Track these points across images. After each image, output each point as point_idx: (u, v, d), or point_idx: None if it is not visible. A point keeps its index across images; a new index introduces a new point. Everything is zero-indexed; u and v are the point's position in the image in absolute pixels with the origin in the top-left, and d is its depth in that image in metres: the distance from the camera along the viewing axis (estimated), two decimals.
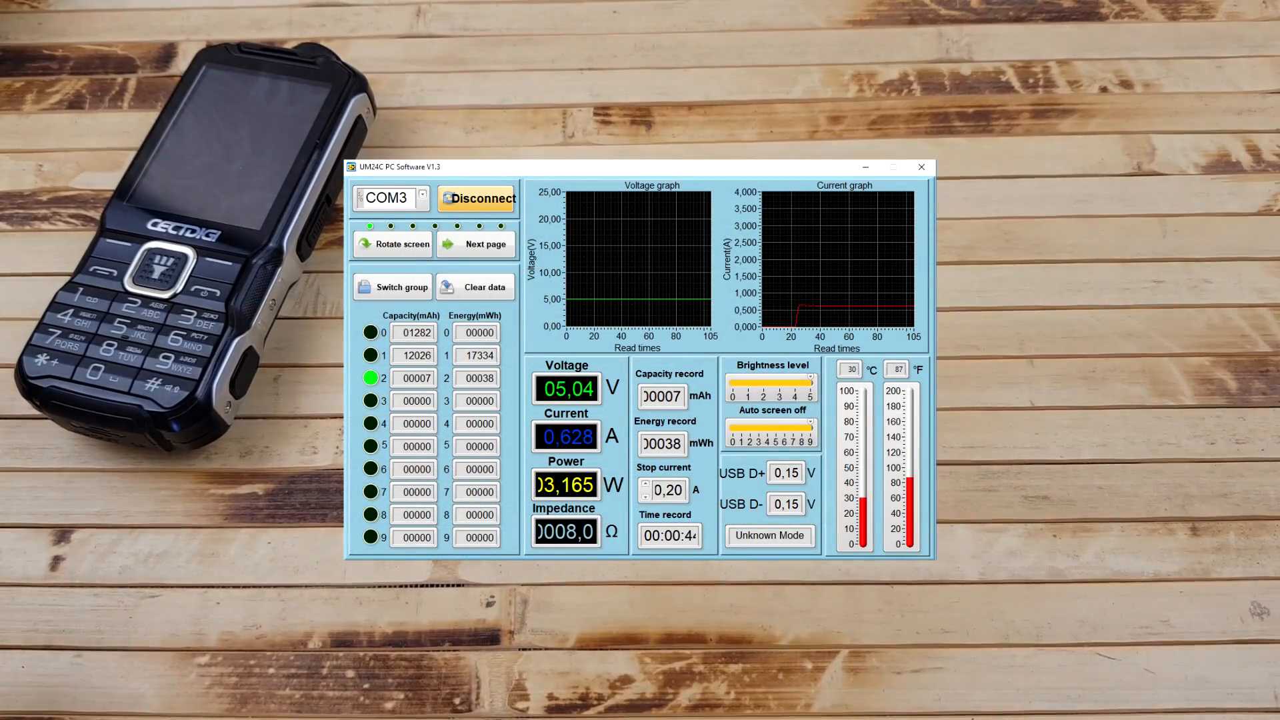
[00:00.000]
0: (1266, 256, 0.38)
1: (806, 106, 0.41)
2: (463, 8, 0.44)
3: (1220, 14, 0.43)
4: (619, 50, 0.43)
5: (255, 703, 0.32)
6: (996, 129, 0.41)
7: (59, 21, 0.44)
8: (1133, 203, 0.39)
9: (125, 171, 0.37)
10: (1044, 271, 0.38)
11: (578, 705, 0.32)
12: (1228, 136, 0.40)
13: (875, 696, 0.32)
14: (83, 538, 0.34)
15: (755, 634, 0.33)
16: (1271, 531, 0.34)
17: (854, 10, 0.43)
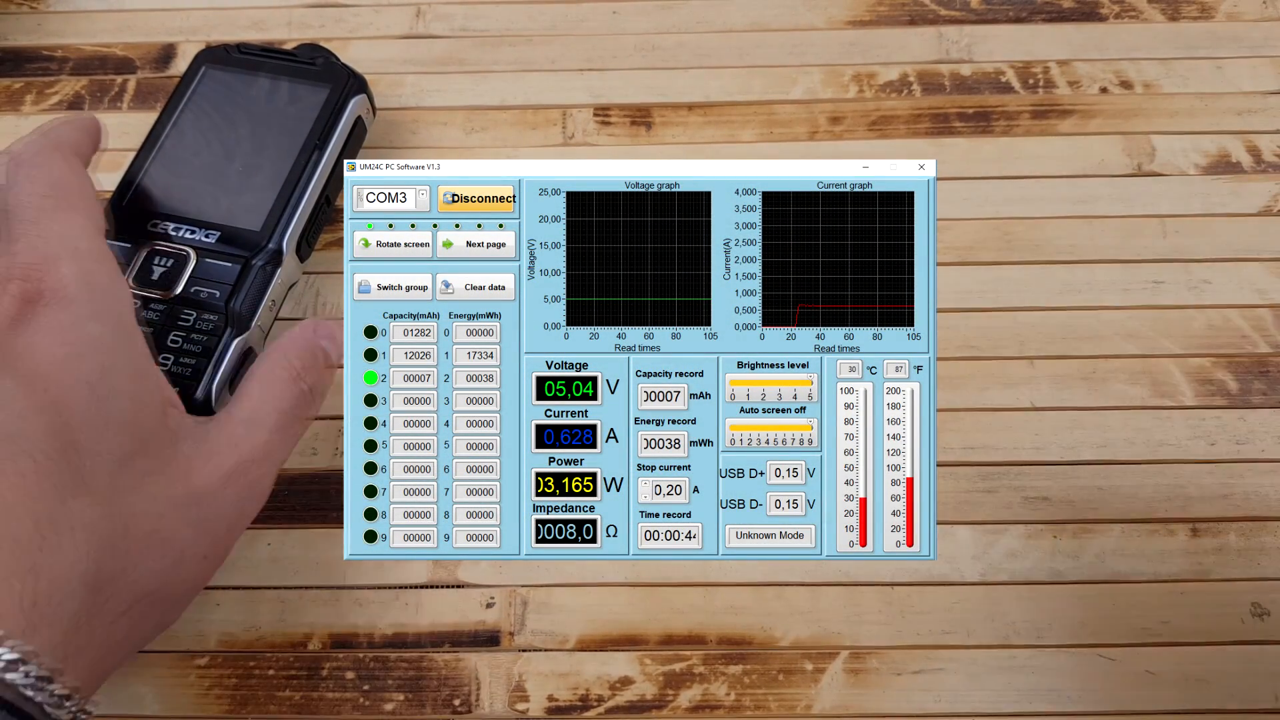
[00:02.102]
0: (1267, 257, 0.38)
1: (806, 107, 0.41)
2: (462, 8, 0.44)
3: (1220, 14, 0.43)
4: (619, 50, 0.43)
5: (255, 704, 0.32)
6: (996, 129, 0.41)
7: (58, 22, 0.44)
8: (1133, 203, 0.39)
9: (124, 173, 0.37)
10: (1044, 272, 0.38)
11: (578, 706, 0.32)
12: (1228, 137, 0.40)
13: (876, 697, 0.32)
14: None
15: (755, 635, 0.33)
16: (1272, 532, 0.34)
17: (854, 11, 0.43)
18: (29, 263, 0.27)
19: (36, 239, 0.27)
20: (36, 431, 0.24)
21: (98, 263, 0.28)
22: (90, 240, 0.28)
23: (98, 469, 0.25)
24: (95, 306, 0.27)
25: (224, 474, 0.27)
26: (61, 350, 0.26)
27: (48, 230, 0.27)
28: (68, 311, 0.26)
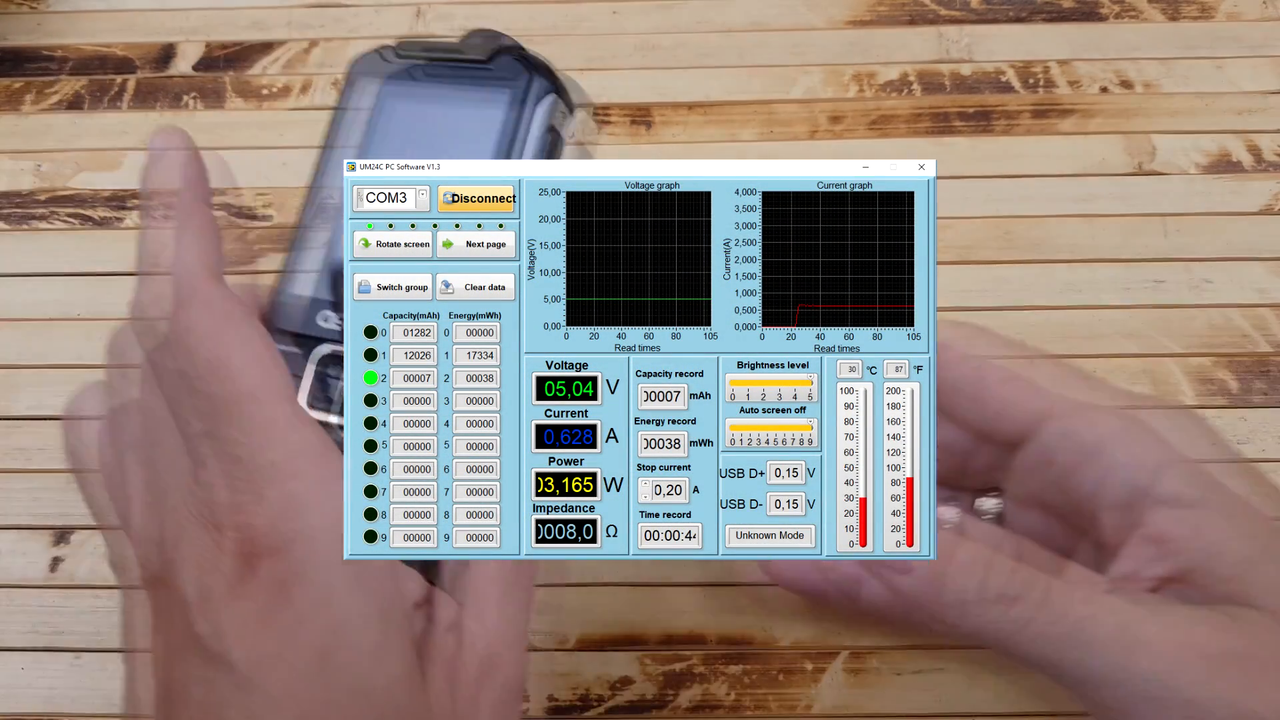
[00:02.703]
0: (1268, 256, 0.38)
1: (806, 106, 0.41)
2: (463, 8, 0.44)
3: (1220, 14, 0.43)
4: (619, 50, 0.43)
5: None
6: (997, 129, 0.41)
7: (58, 22, 0.44)
8: (1134, 202, 0.39)
9: (289, 246, 0.28)
10: (1044, 271, 0.38)
11: (578, 706, 0.32)
12: (1228, 136, 0.40)
13: (876, 697, 0.32)
14: (82, 539, 0.34)
15: (755, 635, 0.33)
16: None
17: (854, 10, 0.43)
18: (236, 504, 0.23)
19: (229, 464, 0.23)
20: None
21: (305, 483, 0.24)
22: (295, 429, 0.24)
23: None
24: (315, 549, 0.23)
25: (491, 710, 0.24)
26: (291, 617, 0.22)
27: (236, 449, 0.23)
28: (288, 560, 0.23)
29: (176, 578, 0.23)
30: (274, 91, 0.42)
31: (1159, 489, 0.26)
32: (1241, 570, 0.24)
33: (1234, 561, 0.25)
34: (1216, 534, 0.25)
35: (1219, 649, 0.23)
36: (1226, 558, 0.25)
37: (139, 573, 0.24)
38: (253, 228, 0.39)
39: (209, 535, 0.23)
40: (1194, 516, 0.25)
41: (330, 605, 0.23)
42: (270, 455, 0.23)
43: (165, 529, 0.24)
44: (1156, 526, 0.25)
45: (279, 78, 0.42)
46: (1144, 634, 0.23)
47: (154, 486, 0.24)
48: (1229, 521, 0.25)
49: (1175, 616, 0.24)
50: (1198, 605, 0.25)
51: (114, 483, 0.26)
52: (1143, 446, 0.26)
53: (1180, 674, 0.23)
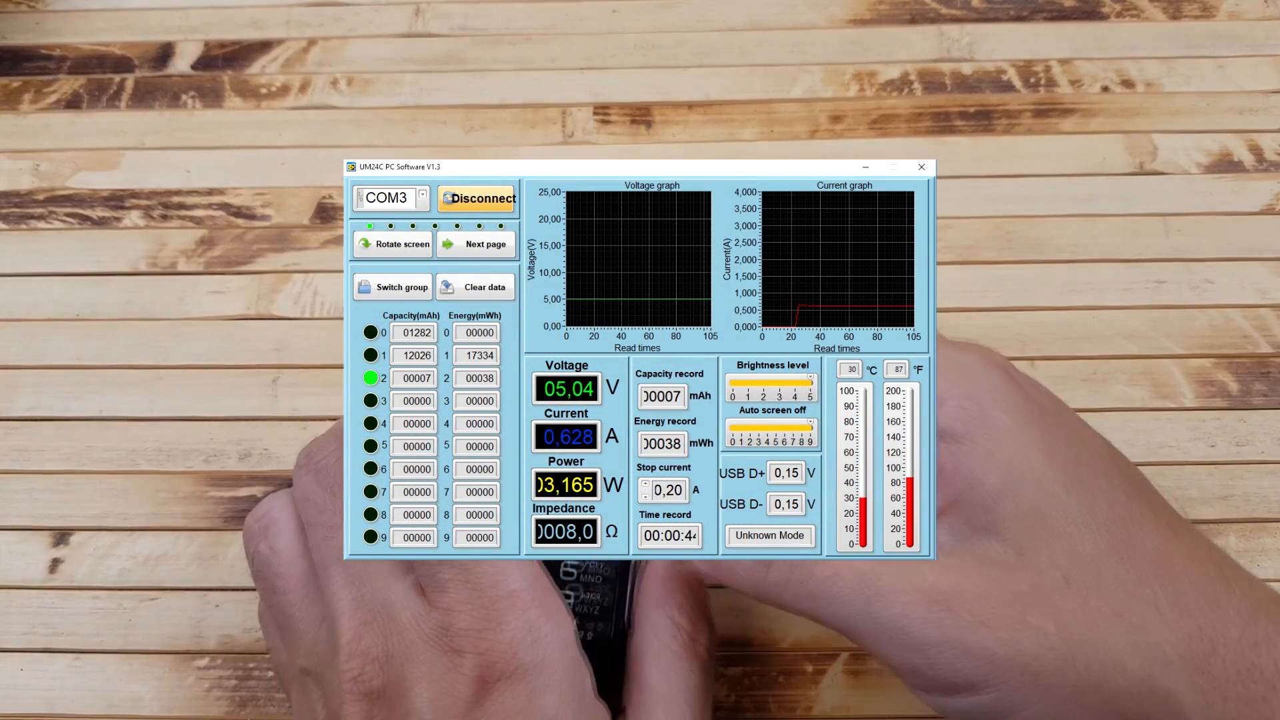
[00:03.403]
0: (1269, 256, 0.38)
1: (807, 106, 0.41)
2: (462, 7, 0.44)
3: (1222, 13, 0.43)
4: (619, 50, 0.43)
5: (254, 705, 0.32)
6: (998, 128, 0.41)
7: (56, 21, 0.44)
8: (1134, 202, 0.39)
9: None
10: (1045, 271, 0.38)
11: None
12: (1230, 136, 0.40)
13: (876, 699, 0.32)
14: (81, 540, 0.34)
15: (755, 636, 0.33)
16: (1272, 534, 0.34)
17: (854, 9, 0.43)
18: (477, 630, 0.25)
19: (470, 591, 0.25)
20: None
21: (541, 612, 0.25)
22: (526, 562, 0.26)
23: None
24: (549, 676, 0.25)
25: None
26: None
27: (479, 578, 0.25)
28: (524, 685, 0.25)
29: (407, 695, 0.25)
30: (273, 91, 0.42)
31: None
32: (994, 502, 0.25)
33: (988, 493, 0.25)
34: (975, 466, 0.25)
35: (951, 588, 0.24)
36: (983, 489, 0.25)
37: (348, 685, 0.25)
38: (251, 227, 0.39)
39: (446, 658, 0.25)
40: (959, 450, 0.26)
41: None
42: (510, 585, 0.25)
43: (390, 645, 0.25)
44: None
45: (278, 77, 0.42)
46: (880, 584, 0.24)
47: (368, 603, 0.26)
48: (989, 455, 0.26)
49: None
50: (961, 540, 0.25)
51: (309, 591, 0.27)
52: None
53: (912, 617, 0.24)
